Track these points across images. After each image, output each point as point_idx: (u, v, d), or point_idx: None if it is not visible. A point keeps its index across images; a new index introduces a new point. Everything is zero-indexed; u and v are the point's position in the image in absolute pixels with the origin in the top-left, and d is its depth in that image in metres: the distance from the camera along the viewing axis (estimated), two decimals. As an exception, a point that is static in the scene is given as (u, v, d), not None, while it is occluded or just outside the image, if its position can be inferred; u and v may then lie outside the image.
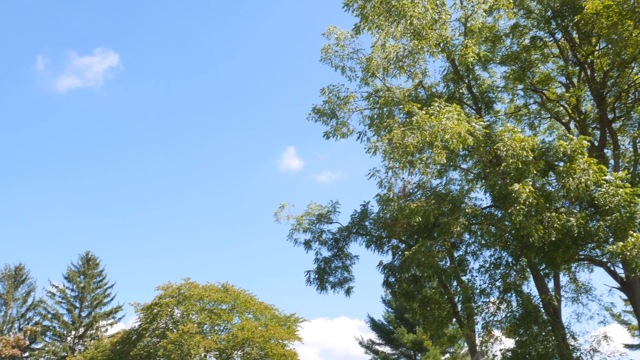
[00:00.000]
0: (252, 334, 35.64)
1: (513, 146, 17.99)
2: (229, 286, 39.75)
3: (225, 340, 36.49)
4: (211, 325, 38.04)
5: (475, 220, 21.21)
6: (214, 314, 37.94)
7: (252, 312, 39.27)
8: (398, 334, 48.69)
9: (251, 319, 38.81)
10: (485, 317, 20.83)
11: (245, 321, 37.78)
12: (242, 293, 39.50)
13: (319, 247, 25.08)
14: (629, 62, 23.21)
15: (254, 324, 37.20)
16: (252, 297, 39.81)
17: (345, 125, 24.17)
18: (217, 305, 38.78)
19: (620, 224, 17.03)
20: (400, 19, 20.73)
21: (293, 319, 39.73)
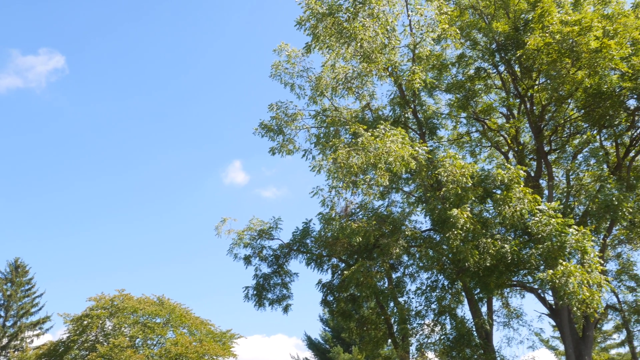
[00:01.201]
0: (185, 350, 34.87)
1: (453, 172, 18.44)
2: (165, 299, 38.86)
3: (157, 355, 35.54)
4: (144, 339, 37.01)
5: (415, 243, 21.57)
6: (147, 328, 36.95)
7: (187, 327, 38.46)
8: (334, 353, 48.63)
9: (186, 334, 37.99)
10: (419, 338, 21.13)
11: (179, 336, 36.94)
12: (177, 307, 38.66)
13: (259, 263, 24.96)
14: (566, 98, 24.31)
15: (189, 339, 36.44)
16: (187, 311, 39.01)
17: (292, 142, 24.24)
18: (152, 319, 37.80)
19: (552, 252, 17.64)
20: (350, 41, 21.06)
21: (229, 335, 39.15)
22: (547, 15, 22.35)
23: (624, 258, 31.69)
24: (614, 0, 25.58)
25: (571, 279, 16.67)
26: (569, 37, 21.12)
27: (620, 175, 24.50)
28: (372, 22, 20.97)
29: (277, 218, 24.93)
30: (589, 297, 16.81)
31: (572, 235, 17.61)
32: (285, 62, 24.17)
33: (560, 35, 21.24)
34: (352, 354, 48.31)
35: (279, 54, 24.15)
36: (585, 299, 16.77)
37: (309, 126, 24.46)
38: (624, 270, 31.40)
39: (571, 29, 21.07)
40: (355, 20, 20.90)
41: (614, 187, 20.69)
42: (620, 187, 21.41)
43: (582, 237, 17.59)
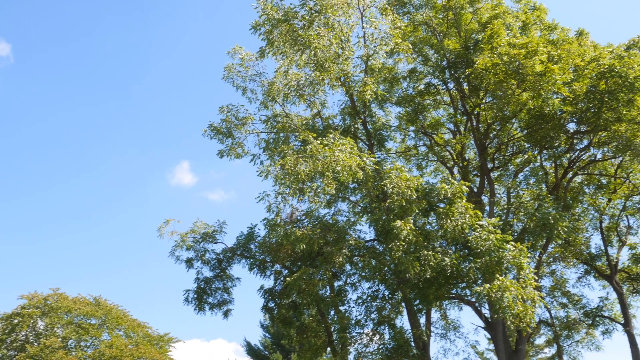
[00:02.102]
0: (120, 352, 33.98)
1: (399, 184, 18.71)
2: (102, 300, 37.82)
3: (90, 358, 34.50)
4: (77, 341, 35.89)
5: (358, 252, 21.75)
6: (81, 329, 35.85)
7: (124, 329, 37.53)
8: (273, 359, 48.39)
9: (122, 336, 37.06)
10: (358, 347, 21.28)
11: (115, 338, 35.99)
12: (114, 308, 37.68)
13: (201, 267, 24.61)
14: (510, 118, 25.10)
15: (124, 341, 35.54)
16: (125, 313, 38.08)
17: (241, 145, 24.07)
18: (87, 320, 36.72)
19: (489, 267, 18.11)
20: (305, 48, 21.15)
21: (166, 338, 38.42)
22: (496, 36, 23.07)
23: (558, 275, 32.93)
24: (559, 27, 26.67)
25: (506, 294, 17.13)
26: (515, 60, 21.83)
27: (557, 195, 25.44)
28: (327, 32, 21.13)
29: (222, 222, 24.70)
30: (522, 312, 17.31)
31: (509, 251, 18.12)
32: (238, 65, 24.03)
33: (507, 57, 21.93)
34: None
35: (233, 57, 24.00)
36: (519, 313, 17.26)
37: (259, 131, 24.37)
38: (557, 287, 32.62)
39: (518, 51, 21.79)
40: (310, 28, 21.01)
41: (551, 206, 21.45)
42: (557, 207, 22.21)
43: (519, 254, 18.12)
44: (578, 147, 26.32)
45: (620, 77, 21.83)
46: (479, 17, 25.84)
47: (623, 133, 22.85)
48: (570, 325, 32.11)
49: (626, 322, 28.66)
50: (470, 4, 25.96)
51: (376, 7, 22.72)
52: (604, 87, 22.33)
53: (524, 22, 26.53)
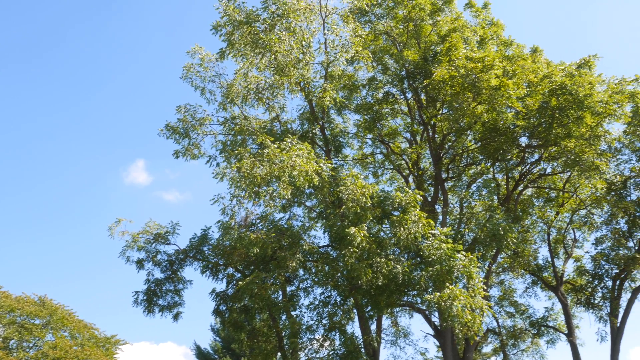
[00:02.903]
0: (65, 354, 33.05)
1: (354, 191, 18.84)
2: (47, 300, 36.71)
3: (32, 359, 33.43)
4: (19, 341, 34.70)
5: (312, 258, 21.76)
6: (24, 329, 34.69)
7: (69, 330, 36.50)
8: (222, 364, 47.96)
9: (67, 337, 36.03)
10: (308, 353, 21.26)
11: (59, 339, 34.97)
12: (60, 308, 36.63)
13: (152, 268, 24.21)
14: (465, 129, 25.60)
15: (69, 343, 34.58)
16: (71, 313, 37.06)
17: (197, 146, 23.80)
18: (30, 320, 35.54)
19: (440, 275, 18.38)
20: (265, 52, 21.11)
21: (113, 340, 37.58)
22: (454, 49, 23.54)
23: (506, 285, 33.69)
24: (515, 44, 27.39)
25: (456, 302, 17.42)
26: (472, 73, 22.32)
27: (508, 207, 26.05)
28: (289, 36, 21.14)
29: (176, 223, 24.35)
30: (470, 321, 17.62)
31: (460, 260, 18.43)
32: (198, 65, 23.78)
33: (464, 70, 22.40)
34: (241, 365, 47.78)
35: (192, 57, 23.74)
36: (467, 322, 17.57)
37: (216, 132, 24.16)
38: (505, 297, 33.37)
39: (475, 65, 22.28)
40: (272, 32, 20.98)
41: (502, 217, 21.94)
42: (507, 218, 22.73)
43: (469, 263, 18.46)
44: (529, 161, 27.04)
45: (571, 94, 22.55)
46: (439, 30, 26.33)
47: (572, 149, 23.60)
48: (517, 334, 32.87)
49: (569, 332, 29.54)
50: (431, 16, 26.43)
51: (338, 15, 22.87)
52: (555, 104, 23.03)
53: (481, 37, 27.14)
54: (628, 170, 30.03)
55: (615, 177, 29.98)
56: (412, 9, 25.75)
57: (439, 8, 26.61)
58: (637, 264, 28.51)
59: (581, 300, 31.62)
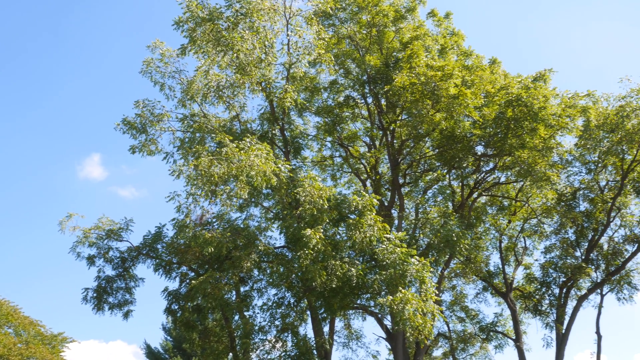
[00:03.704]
0: (8, 351, 31.96)
1: (312, 193, 18.89)
2: (-9, 295, 35.47)
3: (-26, 356, 32.27)
4: (-40, 337, 33.43)
5: (267, 259, 21.70)
6: (-35, 325, 33.47)
7: (14, 327, 35.32)
8: (173, 363, 47.31)
9: (11, 334, 34.87)
10: (260, 354, 21.19)
11: (2, 336, 33.79)
12: (5, 304, 35.42)
13: (104, 265, 23.77)
14: (423, 136, 25.99)
15: (13, 340, 33.47)
16: (16, 309, 35.86)
17: (154, 143, 23.42)
18: (-28, 315, 34.31)
19: (393, 279, 18.58)
20: (227, 50, 20.98)
21: (60, 338, 36.53)
22: (415, 57, 23.85)
23: (458, 290, 34.28)
24: (475, 54, 27.97)
25: (408, 306, 17.62)
26: (432, 81, 22.66)
27: (462, 213, 26.55)
28: (252, 36, 21.06)
29: (129, 219, 23.94)
30: (421, 324, 17.85)
31: (413, 265, 18.66)
32: (158, 60, 23.44)
33: (424, 78, 22.73)
34: (191, 365, 47.26)
35: (152, 51, 23.38)
36: (418, 325, 17.80)
37: (174, 129, 23.83)
38: (457, 302, 33.94)
39: (435, 73, 22.63)
40: (234, 30, 20.86)
41: (456, 224, 22.33)
42: (461, 225, 23.15)
43: (422, 268, 18.70)
44: (484, 169, 27.62)
45: (526, 106, 23.14)
46: (401, 37, 26.66)
47: (525, 159, 24.20)
48: (466, 338, 33.46)
49: (517, 338, 30.25)
50: (394, 23, 26.74)
51: (302, 17, 22.90)
52: (511, 115, 23.59)
53: (442, 46, 27.60)
54: (578, 182, 31.05)
55: (566, 188, 30.94)
56: (376, 14, 26.01)
57: (402, 15, 26.95)
58: (583, 273, 29.45)
59: (529, 307, 32.42)
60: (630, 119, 26.86)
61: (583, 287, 31.17)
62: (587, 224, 30.47)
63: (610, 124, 27.17)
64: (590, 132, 27.47)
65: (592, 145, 28.31)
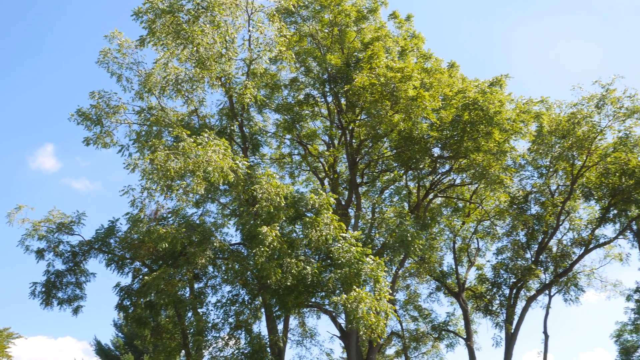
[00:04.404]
0: (-50, 347, 30.93)
1: (269, 190, 18.84)
2: None
3: None
4: None
5: (222, 255, 21.55)
6: None
7: (-43, 322, 34.18)
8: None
9: (-46, 328, 33.74)
10: (212, 352, 21.02)
11: (-56, 331, 32.71)
12: (-52, 298, 34.24)
13: (53, 259, 23.15)
14: (382, 137, 26.23)
15: (-44, 334, 32.39)
16: (-40, 303, 34.72)
17: (110, 135, 22.89)
18: None
19: (348, 278, 18.70)
20: (187, 43, 20.72)
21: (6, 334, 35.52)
22: (375, 58, 24.05)
23: (412, 290, 34.75)
24: (434, 57, 28.37)
25: (361, 305, 17.78)
26: (391, 82, 22.89)
27: (418, 214, 26.92)
28: (212, 30, 20.85)
29: (82, 213, 23.37)
30: (374, 323, 18.04)
31: (368, 264, 18.82)
32: (115, 50, 22.91)
33: (384, 79, 22.93)
34: (143, 362, 46.56)
35: (110, 41, 22.81)
36: (372, 324, 17.98)
37: (131, 121, 23.35)
38: (410, 301, 34.42)
39: (394, 74, 22.86)
40: (195, 23, 20.61)
41: (411, 224, 22.61)
42: (416, 225, 23.47)
43: (377, 267, 18.88)
44: (440, 171, 28.05)
45: (482, 110, 23.61)
46: (362, 37, 26.82)
47: (480, 162, 24.71)
48: (419, 337, 33.98)
49: (468, 337, 30.87)
50: (356, 23, 26.88)
51: (264, 13, 22.77)
52: (467, 118, 24.03)
53: (402, 48, 27.88)
54: (530, 185, 31.90)
55: (518, 191, 31.73)
56: (338, 14, 26.09)
57: (364, 16, 27.10)
58: (533, 274, 30.25)
59: (480, 307, 33.12)
60: (581, 126, 27.75)
61: (532, 288, 32.03)
62: (538, 226, 31.32)
63: (562, 130, 28.00)
64: (543, 137, 28.26)
65: (544, 150, 29.14)
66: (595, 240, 31.15)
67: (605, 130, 28.09)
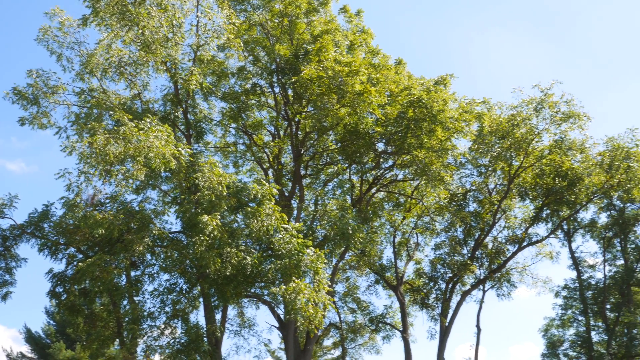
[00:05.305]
0: None
1: (211, 179, 18.63)
2: None
3: None
4: None
5: (161, 243, 21.20)
6: None
7: None
8: (55, 349, 45.06)
9: None
10: (147, 340, 20.68)
11: None
12: None
13: (-18, 242, 22.18)
14: (327, 130, 26.37)
15: None
16: None
17: (47, 116, 22.04)
18: None
19: (288, 269, 18.75)
20: (133, 25, 20.19)
21: None
22: (324, 51, 24.07)
23: (351, 282, 35.19)
24: (382, 53, 28.64)
25: (300, 296, 17.89)
26: (339, 76, 22.99)
27: (360, 207, 27.24)
28: (159, 13, 20.39)
29: (14, 195, 22.44)
30: (312, 314, 18.18)
31: (308, 255, 18.92)
32: (56, 29, 22.05)
33: (332, 72, 23.00)
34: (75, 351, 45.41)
35: (51, 19, 21.94)
36: (310, 315, 18.12)
37: (70, 103, 22.56)
38: (349, 293, 34.86)
39: (342, 68, 22.98)
40: (141, 5, 20.10)
41: (352, 217, 22.85)
42: (357, 219, 23.73)
43: (317, 259, 19.01)
44: (383, 166, 28.46)
45: (426, 108, 24.05)
46: (312, 29, 26.80)
47: (422, 159, 25.17)
48: (356, 329, 34.50)
49: (404, 329, 31.55)
50: (306, 15, 26.81)
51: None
52: (412, 115, 24.42)
53: (351, 42, 28.03)
54: (469, 183, 32.80)
55: (458, 189, 32.59)
56: (289, 4, 25.96)
57: (314, 8, 27.06)
58: (468, 269, 31.19)
59: (417, 300, 33.90)
60: (519, 128, 28.72)
61: (467, 283, 33.01)
62: (475, 223, 32.27)
63: (501, 131, 28.89)
64: (483, 137, 29.08)
65: (484, 149, 29.99)
66: (529, 239, 32.40)
67: (542, 133, 29.19)
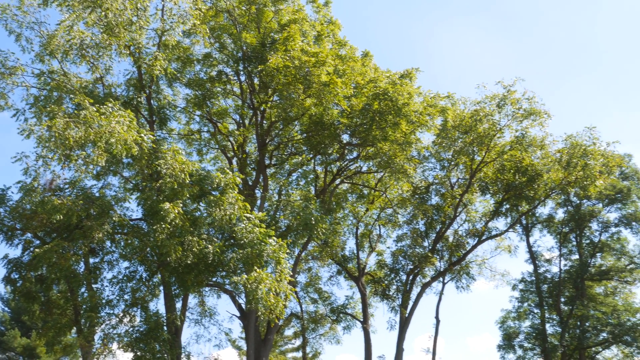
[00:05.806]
0: None
1: (174, 166, 18.41)
2: None
3: None
4: None
5: (121, 230, 20.88)
6: None
7: None
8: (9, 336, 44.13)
9: None
10: (105, 329, 20.37)
11: None
12: None
13: None
14: (293, 120, 26.31)
15: None
16: None
17: (4, 97, 21.39)
18: None
19: (250, 258, 18.69)
20: (96, 7, 19.77)
21: None
22: (291, 40, 23.93)
23: (313, 272, 35.33)
24: (349, 45, 28.65)
25: (261, 286, 17.86)
26: (305, 66, 22.89)
27: (323, 198, 27.31)
28: (124, -5, 19.98)
29: (-32, 178, 21.82)
30: (273, 304, 18.19)
31: (270, 245, 18.90)
32: (15, 7, 21.41)
33: (298, 62, 22.89)
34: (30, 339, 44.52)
35: (10, -3, 21.33)
36: (270, 305, 18.12)
37: (29, 85, 21.96)
38: (311, 284, 35.00)
39: (309, 59, 22.89)
40: (105, -13, 19.65)
41: (316, 208, 22.90)
42: (320, 209, 23.80)
43: (279, 249, 19.01)
44: (348, 158, 28.57)
45: (392, 101, 24.18)
46: (280, 18, 26.60)
47: (386, 151, 25.35)
48: (317, 319, 34.69)
49: (365, 320, 31.87)
50: (274, 3, 26.55)
51: (180, -17, 22.05)
52: (377, 107, 24.54)
53: (319, 33, 27.94)
54: (432, 177, 33.20)
55: (421, 182, 32.95)
56: (257, -8, 25.70)
57: (282, -4, 26.86)
58: (429, 262, 31.63)
59: (378, 291, 34.25)
60: (482, 123, 29.15)
61: (427, 275, 33.50)
62: (437, 216, 32.73)
63: (465, 126, 29.29)
64: (447, 131, 29.43)
65: (448, 144, 30.38)
66: (488, 232, 33.00)
67: (504, 129, 29.68)
